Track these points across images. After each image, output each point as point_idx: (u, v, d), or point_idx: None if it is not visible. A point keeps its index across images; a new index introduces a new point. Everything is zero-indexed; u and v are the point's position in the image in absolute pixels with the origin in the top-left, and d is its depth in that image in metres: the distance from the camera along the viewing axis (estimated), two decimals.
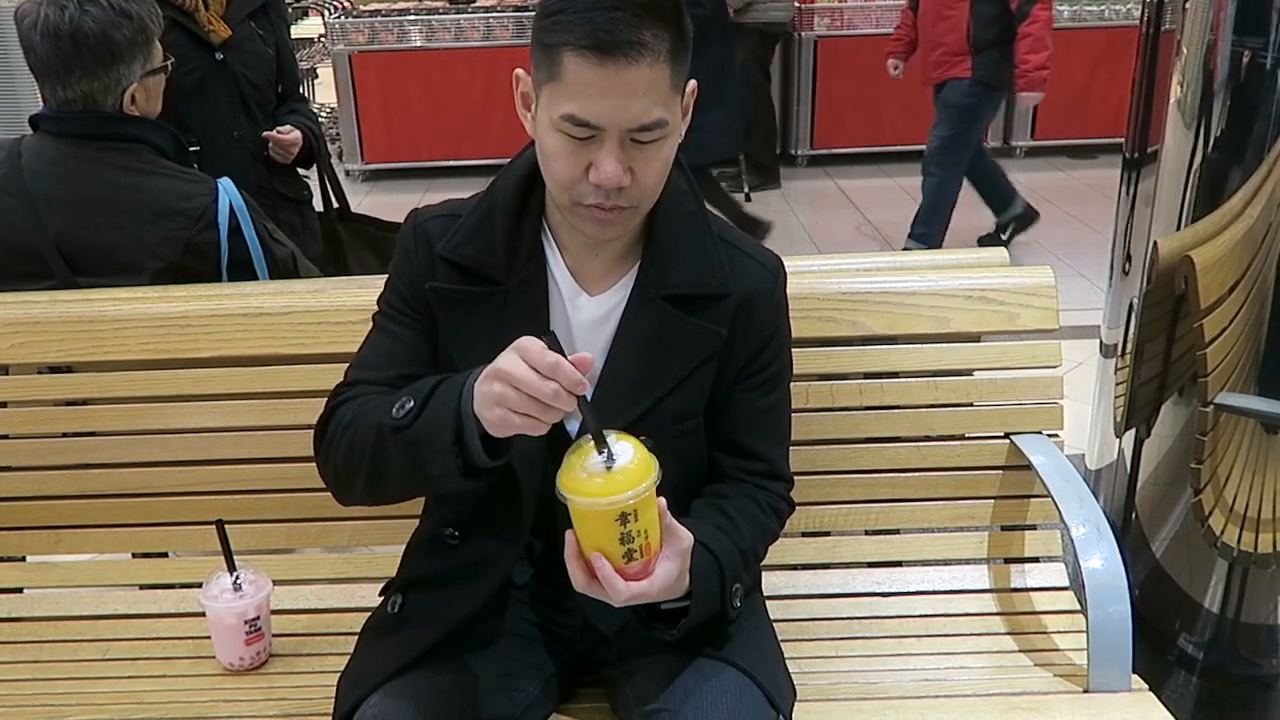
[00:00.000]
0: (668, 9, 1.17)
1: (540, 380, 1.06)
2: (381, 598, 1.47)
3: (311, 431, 1.35)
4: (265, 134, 2.64)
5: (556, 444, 1.21)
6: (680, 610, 1.25)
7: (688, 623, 1.25)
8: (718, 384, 1.36)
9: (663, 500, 1.14)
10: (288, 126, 2.66)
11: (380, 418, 1.23)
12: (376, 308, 1.41)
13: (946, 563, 1.76)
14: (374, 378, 1.33)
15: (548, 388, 1.06)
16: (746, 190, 6.53)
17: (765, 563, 1.57)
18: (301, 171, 2.81)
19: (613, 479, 1.08)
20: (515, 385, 1.07)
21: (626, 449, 1.10)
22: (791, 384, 1.46)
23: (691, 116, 1.27)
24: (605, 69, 1.13)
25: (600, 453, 1.09)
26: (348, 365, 1.38)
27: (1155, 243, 2.09)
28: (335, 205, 2.86)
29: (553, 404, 1.06)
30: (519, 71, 1.26)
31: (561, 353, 1.07)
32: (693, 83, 1.26)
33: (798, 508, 1.49)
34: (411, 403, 1.19)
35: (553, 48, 1.15)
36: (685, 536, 1.19)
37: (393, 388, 1.28)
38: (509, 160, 1.36)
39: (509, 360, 1.08)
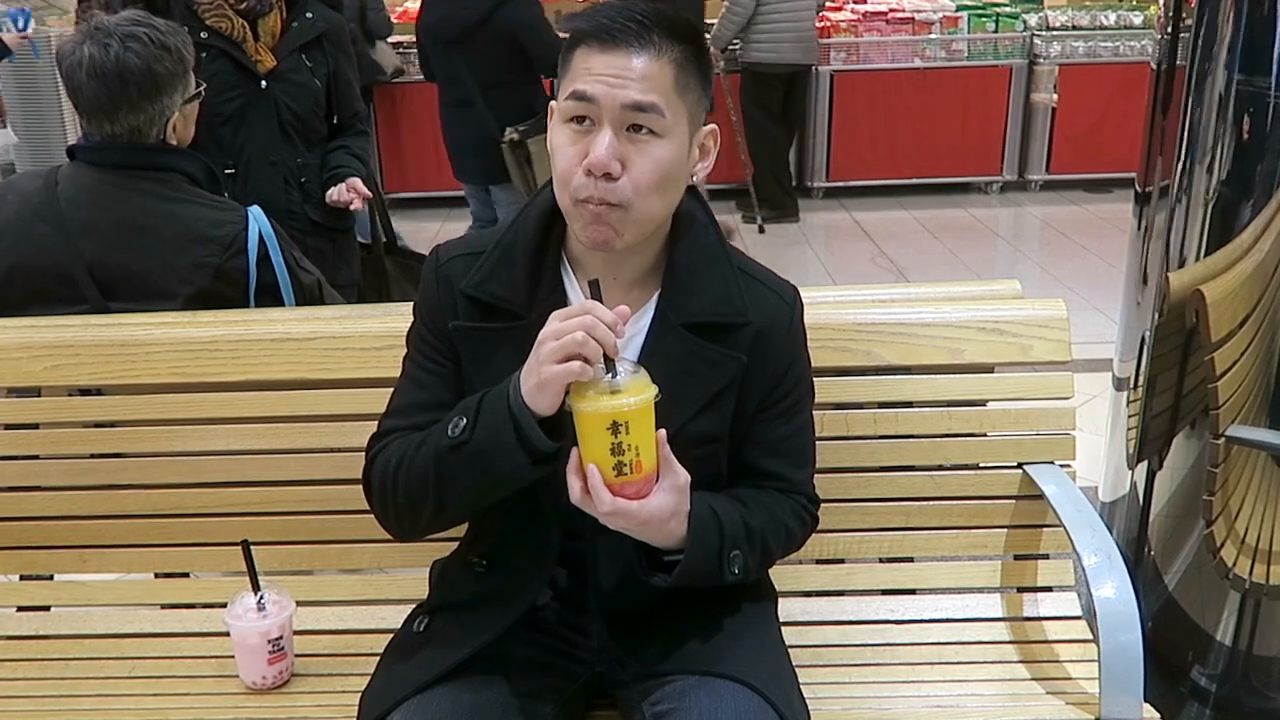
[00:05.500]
0: (681, 28, 1.26)
1: (576, 319, 1.17)
2: (407, 619, 1.49)
3: (336, 454, 1.40)
4: (329, 200, 2.68)
5: None
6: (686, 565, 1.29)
7: (682, 569, 1.29)
8: (740, 413, 1.39)
9: (662, 432, 1.22)
10: (343, 188, 2.67)
11: (435, 444, 1.28)
12: (406, 345, 1.45)
13: (959, 591, 1.77)
14: (405, 425, 1.38)
15: (584, 319, 1.17)
16: (760, 222, 6.60)
17: (779, 589, 1.59)
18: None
19: (611, 391, 1.19)
20: (555, 334, 1.18)
21: (630, 370, 1.21)
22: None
23: None
24: (607, 54, 1.23)
25: (608, 372, 1.19)
26: (380, 416, 1.42)
27: (1167, 277, 2.11)
28: (384, 240, 2.90)
29: (593, 334, 1.16)
30: (553, 104, 1.31)
31: (600, 298, 1.21)
32: (713, 126, 1.31)
33: (813, 535, 1.51)
34: (465, 420, 1.26)
35: (569, 44, 1.27)
36: (682, 473, 1.26)
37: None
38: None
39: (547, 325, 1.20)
